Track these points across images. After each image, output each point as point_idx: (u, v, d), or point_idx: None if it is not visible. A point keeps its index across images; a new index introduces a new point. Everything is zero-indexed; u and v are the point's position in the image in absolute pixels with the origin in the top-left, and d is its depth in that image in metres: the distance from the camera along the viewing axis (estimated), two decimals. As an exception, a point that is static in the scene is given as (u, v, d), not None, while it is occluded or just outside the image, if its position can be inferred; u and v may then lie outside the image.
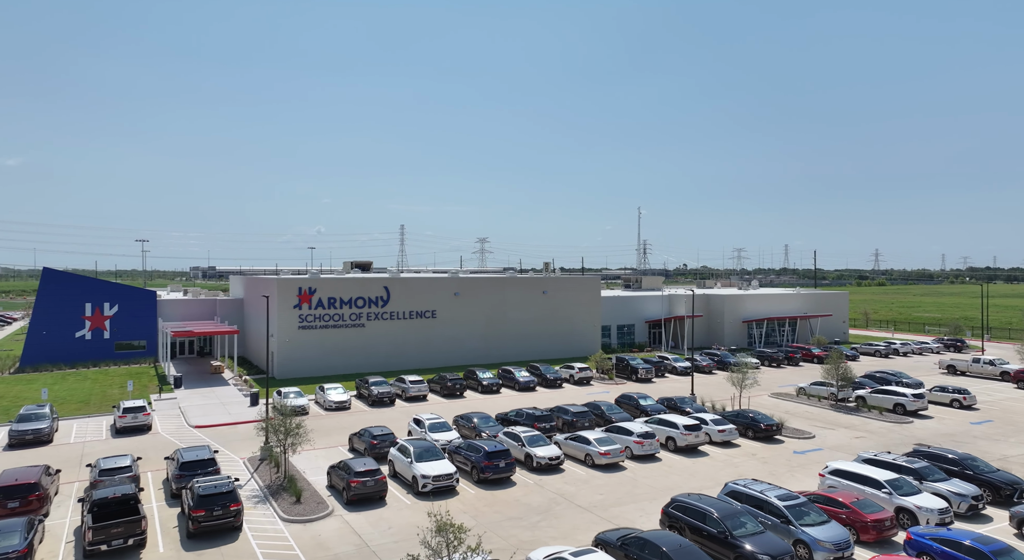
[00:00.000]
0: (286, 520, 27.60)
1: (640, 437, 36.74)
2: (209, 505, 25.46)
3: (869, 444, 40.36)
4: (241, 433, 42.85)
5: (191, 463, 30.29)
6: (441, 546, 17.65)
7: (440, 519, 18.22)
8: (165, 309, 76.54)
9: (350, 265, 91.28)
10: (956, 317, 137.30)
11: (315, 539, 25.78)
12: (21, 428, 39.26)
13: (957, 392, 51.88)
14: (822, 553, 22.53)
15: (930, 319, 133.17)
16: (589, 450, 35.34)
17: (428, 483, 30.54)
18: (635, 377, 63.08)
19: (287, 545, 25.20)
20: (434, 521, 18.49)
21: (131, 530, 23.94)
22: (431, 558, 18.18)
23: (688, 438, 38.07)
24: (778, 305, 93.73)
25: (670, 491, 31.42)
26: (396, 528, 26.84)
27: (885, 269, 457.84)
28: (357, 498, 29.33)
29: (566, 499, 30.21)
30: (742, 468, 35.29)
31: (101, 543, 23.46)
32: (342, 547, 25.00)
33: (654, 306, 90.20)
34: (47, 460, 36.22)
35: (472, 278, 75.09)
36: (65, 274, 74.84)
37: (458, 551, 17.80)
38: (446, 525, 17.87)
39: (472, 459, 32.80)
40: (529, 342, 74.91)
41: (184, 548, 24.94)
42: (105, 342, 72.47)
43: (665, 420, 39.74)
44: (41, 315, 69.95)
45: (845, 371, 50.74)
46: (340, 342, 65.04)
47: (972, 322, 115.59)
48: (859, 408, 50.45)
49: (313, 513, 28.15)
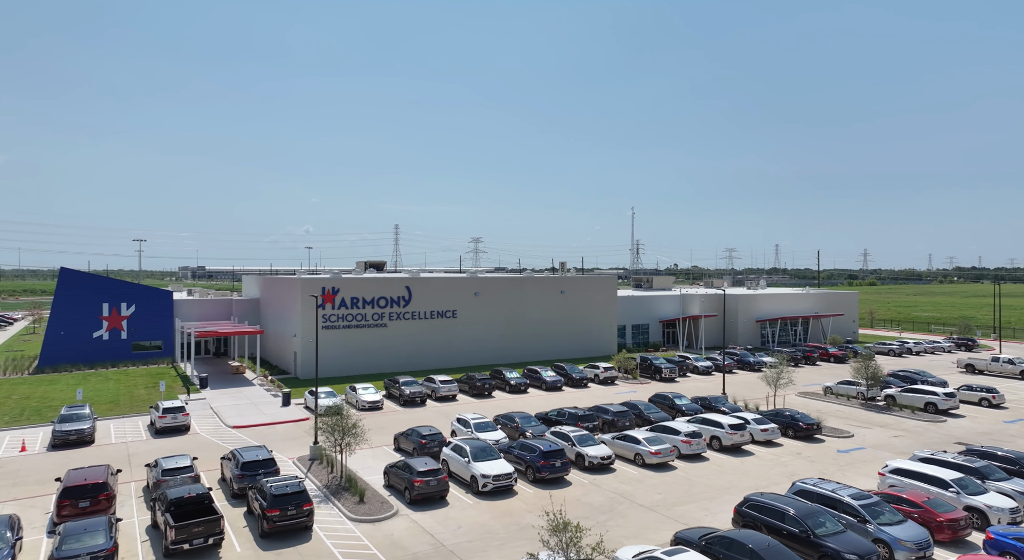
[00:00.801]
0: (354, 520, 27.59)
1: (688, 436, 36.91)
2: (283, 505, 25.46)
3: (908, 443, 40.68)
4: (281, 433, 42.78)
5: (252, 463, 30.24)
6: (562, 545, 17.68)
7: (554, 518, 18.27)
8: (181, 309, 76.26)
9: (364, 265, 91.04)
10: (955, 316, 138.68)
11: (388, 538, 25.80)
12: (65, 428, 39.07)
13: (986, 391, 52.35)
14: (904, 553, 22.72)
15: (929, 318, 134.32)
16: (639, 449, 35.47)
17: (489, 483, 30.59)
18: (659, 377, 63.29)
19: (362, 544, 25.20)
20: (548, 520, 18.54)
21: (211, 529, 23.94)
22: (552, 557, 18.18)
23: (733, 437, 38.28)
24: (790, 305, 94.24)
25: (727, 490, 31.60)
26: (466, 528, 26.89)
27: (874, 269, 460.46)
28: (420, 498, 29.37)
29: (626, 499, 30.33)
30: (791, 467, 35.51)
31: (183, 542, 23.45)
32: (418, 547, 25.03)
33: (668, 306, 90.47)
34: (94, 460, 36.08)
35: (492, 278, 75.11)
36: (82, 274, 74.40)
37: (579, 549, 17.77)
38: (565, 524, 17.90)
39: (527, 459, 32.86)
40: (547, 342, 75.02)
41: (260, 547, 24.91)
42: (122, 342, 72.15)
43: (709, 419, 39.95)
44: (59, 315, 69.53)
45: (875, 370, 51.09)
46: (363, 342, 64.95)
47: (971, 321, 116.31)
48: (889, 407, 50.80)
49: (379, 513, 28.15)
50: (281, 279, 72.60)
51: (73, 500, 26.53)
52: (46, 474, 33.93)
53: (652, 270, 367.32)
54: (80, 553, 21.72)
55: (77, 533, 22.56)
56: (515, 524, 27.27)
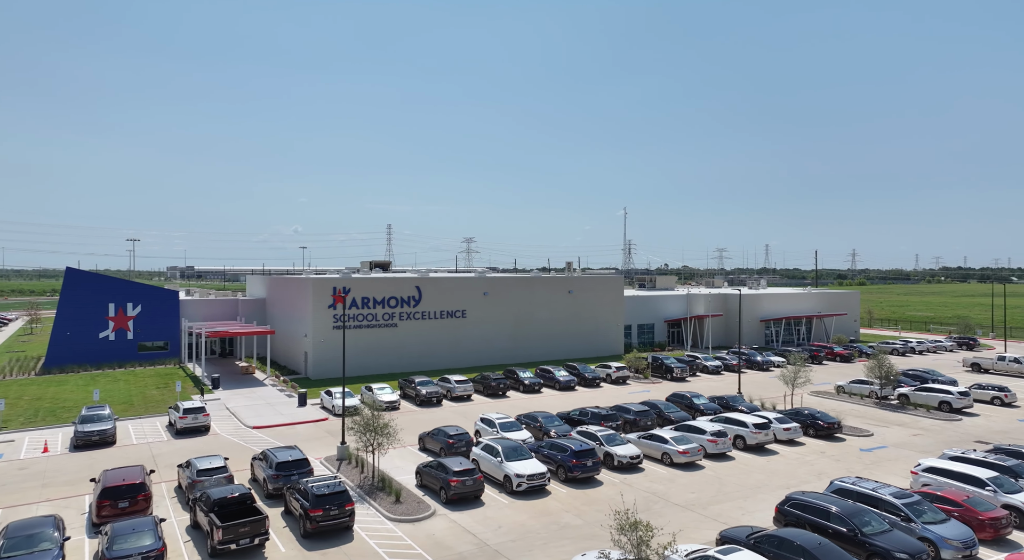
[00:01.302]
0: (393, 520, 27.55)
1: (714, 435, 37.05)
2: (326, 505, 25.40)
3: (929, 442, 40.99)
4: (302, 434, 42.63)
5: (286, 463, 30.15)
6: (633, 543, 17.70)
7: (623, 517, 18.30)
8: (187, 309, 75.85)
9: (370, 265, 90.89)
10: (949, 315, 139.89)
11: (430, 538, 25.77)
12: (87, 429, 38.81)
13: (998, 389, 52.82)
14: (950, 552, 22.89)
15: (924, 318, 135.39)
16: (667, 449, 35.58)
17: (523, 482, 30.62)
18: (670, 376, 63.48)
19: (406, 544, 25.17)
20: (615, 519, 18.57)
21: (257, 529, 23.88)
22: (626, 556, 18.19)
23: (758, 436, 38.47)
24: (794, 304, 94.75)
25: (759, 489, 31.76)
26: (506, 527, 26.89)
27: (862, 269, 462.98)
28: (457, 497, 29.36)
29: (661, 498, 30.42)
30: (817, 466, 35.72)
31: (230, 542, 23.38)
32: (462, 546, 25.02)
33: (673, 306, 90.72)
34: (119, 461, 35.85)
35: (501, 278, 75.14)
36: (88, 274, 73.90)
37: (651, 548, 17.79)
38: (635, 523, 17.94)
39: (558, 458, 32.90)
40: (556, 341, 75.09)
41: (304, 548, 24.84)
42: (128, 343, 71.65)
43: (732, 419, 40.13)
44: (65, 315, 68.96)
45: (888, 369, 51.44)
46: (373, 342, 64.80)
47: (966, 320, 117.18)
48: (903, 406, 51.17)
49: (416, 513, 28.12)
50: (291, 279, 72.34)
51: (112, 500, 26.41)
52: (73, 475, 33.71)
53: (643, 270, 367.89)
54: (132, 553, 21.61)
55: (126, 533, 22.43)
56: (554, 524, 27.31)
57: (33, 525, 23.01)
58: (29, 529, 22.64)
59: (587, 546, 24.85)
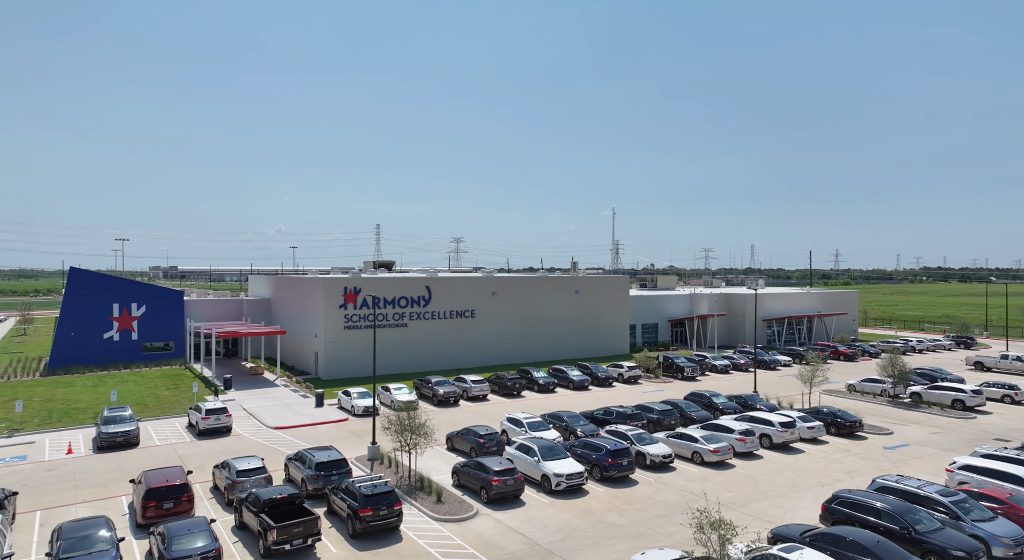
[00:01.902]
0: (438, 519, 27.52)
1: (742, 434, 37.29)
2: (376, 505, 25.34)
3: (949, 440, 41.49)
4: (325, 434, 42.46)
5: (326, 464, 30.06)
6: (719, 542, 17.79)
7: (700, 516, 18.40)
8: (191, 309, 75.22)
9: (374, 265, 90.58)
10: (938, 315, 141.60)
11: (479, 538, 25.78)
12: (112, 430, 38.43)
13: (1008, 388, 53.54)
14: (1001, 549, 23.15)
15: (914, 317, 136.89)
16: (697, 448, 35.79)
17: (563, 482, 30.68)
18: (681, 376, 63.81)
19: (456, 544, 25.15)
20: (694, 518, 18.67)
21: (309, 529, 23.80)
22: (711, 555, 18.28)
23: (784, 435, 38.77)
24: (795, 304, 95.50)
25: (793, 487, 32.01)
26: (552, 527, 26.94)
27: (845, 269, 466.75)
28: (498, 497, 29.39)
29: (699, 497, 30.56)
30: (845, 464, 36.05)
31: (284, 543, 23.29)
32: (514, 545, 25.04)
33: (677, 305, 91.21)
34: (146, 462, 35.55)
35: (509, 278, 75.20)
36: (92, 274, 73.02)
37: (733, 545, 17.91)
38: (719, 521, 18.03)
39: (593, 458, 33.00)
40: (562, 341, 75.23)
41: (355, 548, 24.77)
42: (133, 343, 71.00)
43: (758, 417, 40.41)
44: (69, 316, 68.22)
45: (902, 368, 51.99)
46: (384, 342, 64.55)
47: (962, 319, 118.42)
48: (916, 404, 51.73)
49: (460, 512, 28.11)
50: (301, 279, 72.01)
51: (158, 501, 26.25)
52: (103, 476, 33.39)
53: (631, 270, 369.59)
54: (191, 554, 21.52)
55: (182, 534, 22.30)
56: (599, 523, 27.39)
57: (87, 526, 22.79)
58: (83, 530, 22.44)
59: (638, 545, 24.94)
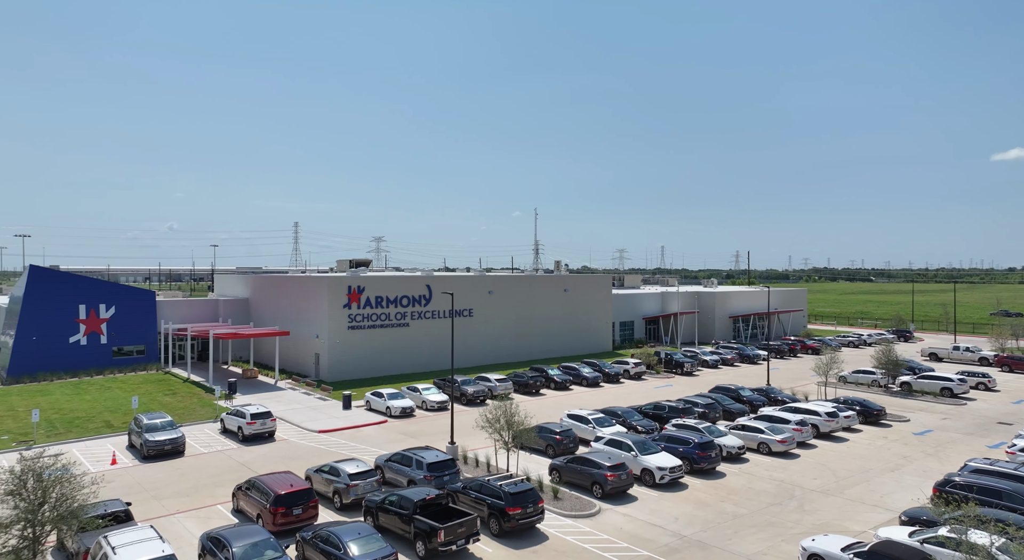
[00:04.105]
0: (567, 515, 27.60)
1: (798, 424, 39.10)
2: (523, 503, 25.22)
3: (962, 424, 44.90)
4: (373, 436, 41.50)
5: (437, 464, 29.60)
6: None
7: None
8: (164, 311, 71.08)
9: (351, 264, 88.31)
10: (853, 311, 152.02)
11: (621, 531, 26.07)
12: (159, 438, 36.11)
13: (981, 376, 58.33)
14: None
15: (829, 314, 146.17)
16: (763, 439, 37.28)
17: (666, 475, 31.35)
18: (680, 371, 65.86)
19: (604, 539, 25.35)
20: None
21: (471, 529, 23.52)
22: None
23: (831, 424, 40.93)
24: (757, 301, 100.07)
25: (868, 473, 33.89)
26: (683, 519, 27.53)
27: (744, 269, 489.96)
28: (614, 492, 29.71)
29: (793, 485, 31.92)
30: (894, 450, 38.43)
31: (451, 543, 22.89)
32: (663, 538, 25.48)
33: (650, 303, 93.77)
34: (205, 469, 33.89)
35: (504, 277, 75.36)
36: (55, 272, 67.78)
37: None
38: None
39: (682, 451, 33.80)
40: (553, 339, 75.96)
41: (508, 546, 24.59)
42: (103, 347, 66.42)
43: (801, 408, 42.41)
44: (30, 318, 62.97)
45: (895, 358, 55.70)
46: (387, 342, 63.39)
47: (866, 315, 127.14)
48: (908, 393, 55.52)
49: (584, 508, 28.29)
50: (297, 278, 69.57)
51: (287, 507, 25.20)
52: (176, 486, 31.54)
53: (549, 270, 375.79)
54: (378, 557, 20.88)
55: (356, 538, 21.56)
56: (723, 513, 28.18)
57: (247, 533, 21.65)
58: (247, 538, 21.36)
59: (777, 533, 25.92)
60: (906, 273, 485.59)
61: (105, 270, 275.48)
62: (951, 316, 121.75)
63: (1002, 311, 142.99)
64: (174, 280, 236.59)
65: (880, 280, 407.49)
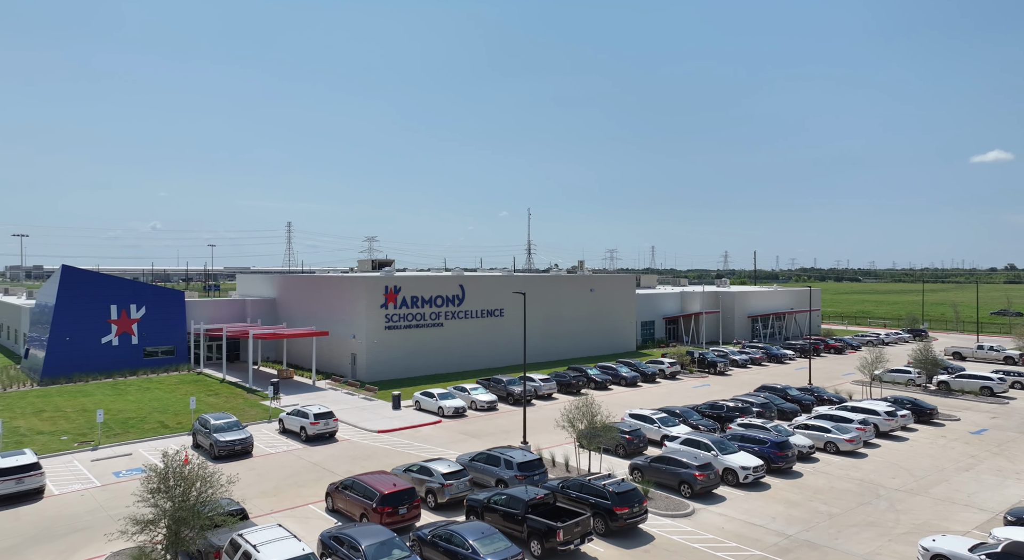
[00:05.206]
0: (664, 515, 27.65)
1: (861, 424, 39.34)
2: (630, 502, 25.27)
3: (1014, 423, 45.30)
4: (432, 436, 41.48)
5: (526, 464, 29.62)
6: None
7: None
8: (193, 311, 70.70)
9: (371, 264, 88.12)
10: (853, 311, 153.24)
11: (722, 531, 26.14)
12: (229, 438, 35.94)
13: (1018, 375, 58.84)
14: None
15: (833, 314, 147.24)
16: (830, 438, 37.49)
17: (750, 474, 31.47)
18: (713, 370, 66.10)
19: (710, 538, 25.42)
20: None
21: (586, 528, 23.55)
22: None
23: (890, 423, 41.21)
24: (774, 301, 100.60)
25: (943, 473, 34.11)
26: (780, 519, 27.64)
27: (733, 269, 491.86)
28: (703, 491, 29.79)
29: (876, 485, 32.08)
30: (957, 449, 38.69)
31: (569, 543, 22.92)
32: (769, 537, 25.58)
33: (669, 303, 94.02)
34: (276, 469, 33.79)
35: (533, 276, 75.44)
36: (87, 272, 67.07)
37: None
38: None
39: (758, 451, 33.93)
40: (579, 339, 76.00)
41: (618, 546, 24.58)
42: (134, 348, 66.00)
43: (860, 407, 42.66)
44: (63, 319, 62.47)
45: (934, 357, 56.11)
46: (421, 342, 63.29)
47: (869, 314, 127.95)
48: (947, 392, 55.92)
49: (677, 508, 28.36)
50: (332, 278, 69.37)
51: (394, 507, 25.17)
52: (258, 486, 31.44)
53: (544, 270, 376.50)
54: (507, 556, 20.90)
55: (480, 538, 21.58)
56: (817, 513, 28.29)
57: (374, 533, 21.60)
58: (373, 537, 21.31)
59: (882, 533, 26.07)
60: (892, 273, 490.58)
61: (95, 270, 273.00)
62: (961, 315, 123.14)
63: (1002, 310, 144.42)
64: (165, 281, 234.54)
65: (868, 280, 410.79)
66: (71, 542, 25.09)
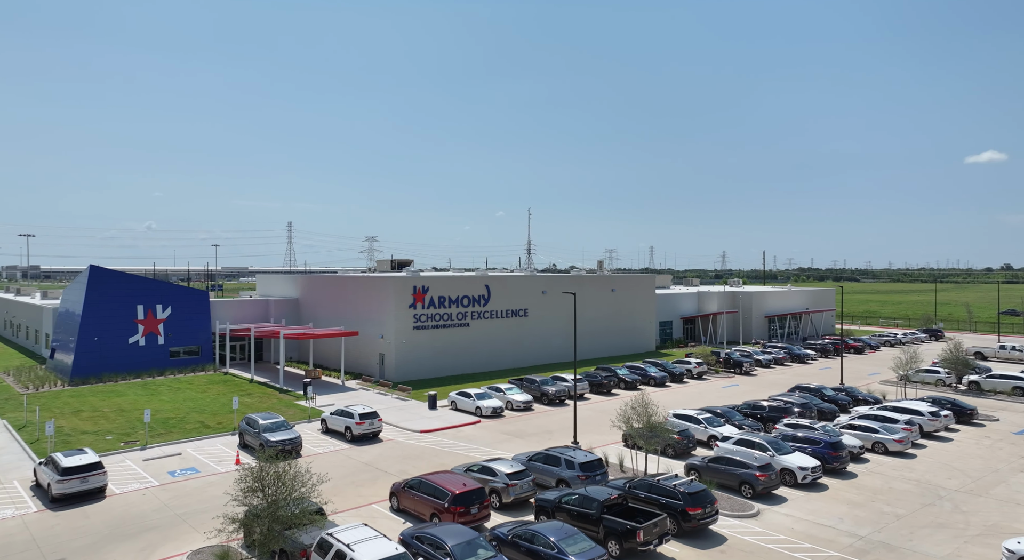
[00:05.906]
0: (732, 516, 27.63)
1: (907, 424, 39.32)
2: (701, 503, 25.25)
3: (1052, 423, 45.33)
4: (475, 436, 41.53)
5: (588, 464, 29.68)
6: None
7: None
8: (217, 311, 70.61)
9: (390, 264, 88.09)
10: (859, 311, 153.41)
11: (793, 532, 26.13)
12: (278, 438, 35.90)
13: (1048, 376, 58.83)
14: None
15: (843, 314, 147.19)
16: (879, 438, 37.49)
17: (808, 475, 31.46)
18: (739, 370, 66.11)
19: (781, 539, 25.39)
20: None
21: (663, 529, 23.53)
22: None
23: (934, 423, 41.20)
24: (791, 301, 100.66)
25: (997, 473, 34.07)
26: (848, 519, 27.61)
27: (731, 269, 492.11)
28: (764, 491, 29.77)
29: (934, 486, 32.04)
30: (1006, 450, 38.61)
31: (648, 543, 22.91)
32: (841, 538, 25.56)
33: (687, 303, 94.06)
34: (333, 470, 33.51)
35: (555, 276, 75.42)
36: (114, 272, 66.94)
37: None
38: None
39: (811, 451, 33.91)
40: (599, 339, 75.90)
41: (692, 546, 24.58)
42: (160, 348, 65.91)
43: (902, 408, 42.65)
44: (91, 319, 62.34)
45: (965, 357, 56.12)
46: (449, 342, 63.27)
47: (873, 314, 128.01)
48: (979, 392, 55.91)
49: (743, 509, 28.35)
50: (359, 278, 69.42)
51: (466, 506, 25.21)
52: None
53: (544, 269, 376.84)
54: (593, 557, 20.96)
55: (563, 538, 21.61)
56: (883, 513, 28.24)
57: (458, 532, 21.59)
58: (459, 536, 21.30)
59: (955, 535, 26.01)
60: (889, 273, 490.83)
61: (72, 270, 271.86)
62: (975, 315, 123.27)
63: (1011, 310, 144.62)
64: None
65: (866, 280, 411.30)
66: (147, 540, 25.04)
